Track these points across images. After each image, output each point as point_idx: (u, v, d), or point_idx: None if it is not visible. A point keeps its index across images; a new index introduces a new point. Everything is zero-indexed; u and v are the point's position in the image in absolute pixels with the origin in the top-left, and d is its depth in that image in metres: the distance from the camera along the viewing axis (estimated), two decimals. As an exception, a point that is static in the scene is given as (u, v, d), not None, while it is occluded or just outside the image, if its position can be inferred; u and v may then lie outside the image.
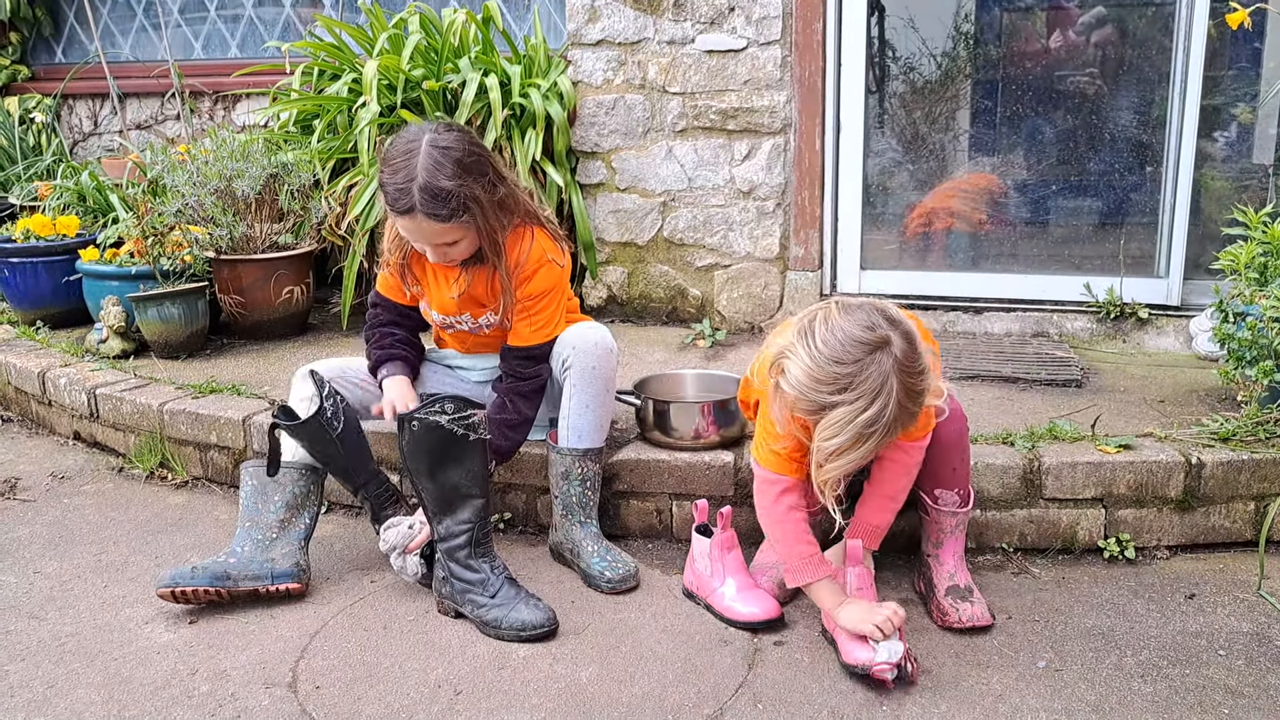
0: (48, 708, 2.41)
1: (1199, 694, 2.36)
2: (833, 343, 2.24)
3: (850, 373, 2.21)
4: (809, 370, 2.25)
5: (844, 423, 2.23)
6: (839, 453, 2.27)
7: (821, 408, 2.25)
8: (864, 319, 2.26)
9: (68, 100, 6.61)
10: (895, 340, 2.24)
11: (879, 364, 2.22)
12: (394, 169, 2.72)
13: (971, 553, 3.02)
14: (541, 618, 2.66)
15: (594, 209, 4.80)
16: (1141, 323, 4.28)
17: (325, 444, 2.91)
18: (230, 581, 2.82)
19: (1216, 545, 3.07)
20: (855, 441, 2.24)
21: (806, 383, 2.25)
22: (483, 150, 2.83)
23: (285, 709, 2.39)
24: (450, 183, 2.70)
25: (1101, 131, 4.38)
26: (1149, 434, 3.20)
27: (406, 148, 2.73)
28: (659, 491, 3.21)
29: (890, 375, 2.21)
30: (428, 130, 2.76)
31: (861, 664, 2.41)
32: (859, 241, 4.61)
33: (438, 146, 2.72)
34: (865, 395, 2.21)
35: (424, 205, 2.70)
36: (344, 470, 2.97)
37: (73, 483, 3.80)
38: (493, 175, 2.83)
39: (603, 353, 3.02)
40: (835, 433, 2.24)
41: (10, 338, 4.78)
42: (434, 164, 2.69)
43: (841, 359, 2.22)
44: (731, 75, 4.50)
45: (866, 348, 2.22)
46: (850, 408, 2.22)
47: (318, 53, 4.99)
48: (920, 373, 2.27)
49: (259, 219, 4.60)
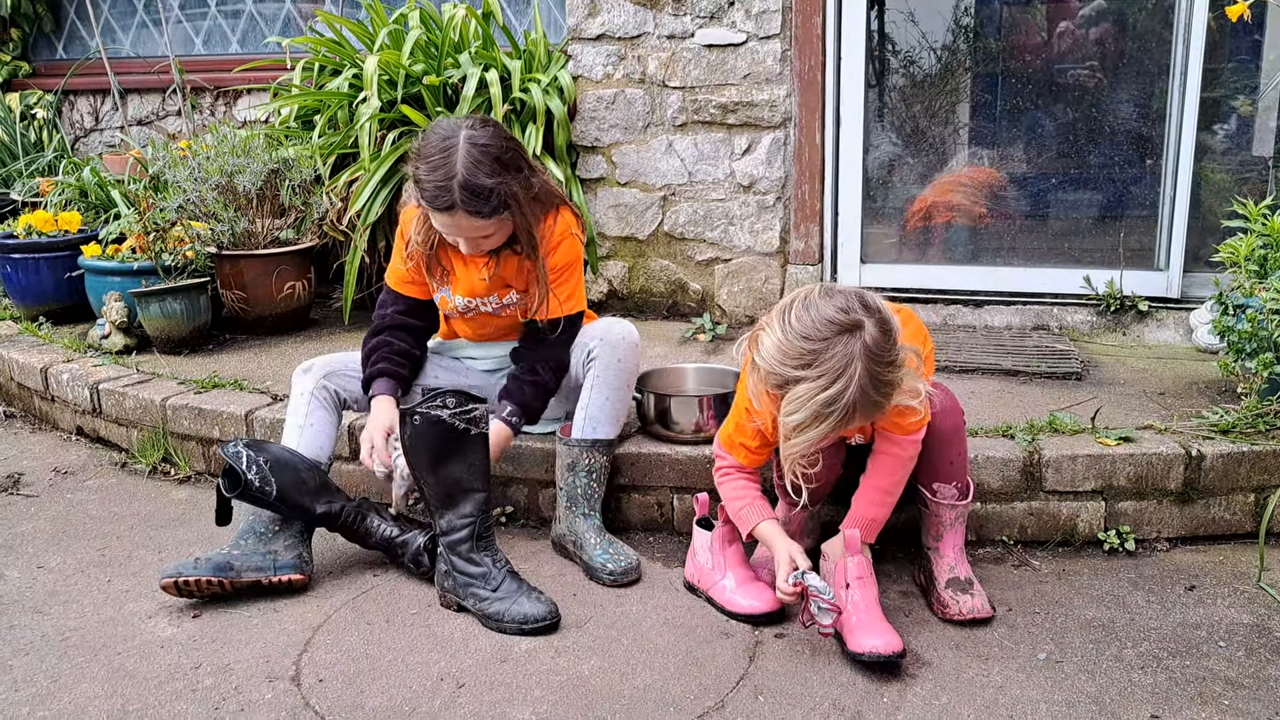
0: (51, 701, 2.42)
1: (1199, 685, 2.37)
2: (805, 320, 2.28)
3: (816, 350, 2.25)
4: (779, 344, 2.29)
5: (804, 399, 2.27)
6: (798, 428, 2.30)
7: (785, 381, 2.30)
8: (840, 302, 2.30)
9: (69, 96, 6.61)
10: (868, 326, 2.27)
11: (846, 346, 2.25)
12: (432, 166, 2.72)
13: (972, 545, 3.03)
14: (544, 611, 2.67)
15: (594, 204, 4.81)
16: (1141, 315, 4.28)
17: (264, 506, 2.90)
18: (233, 572, 2.83)
19: (1217, 537, 3.08)
20: (813, 419, 2.28)
21: (775, 355, 2.30)
22: (516, 144, 2.85)
23: (288, 702, 2.40)
24: (490, 180, 2.72)
25: (1101, 124, 4.39)
26: (1149, 426, 3.21)
27: (444, 144, 2.73)
28: (660, 485, 3.22)
29: (856, 359, 2.24)
30: (463, 126, 2.76)
31: (869, 651, 2.42)
32: (859, 235, 4.62)
33: (476, 144, 2.72)
34: (828, 374, 2.24)
35: (465, 203, 2.72)
36: (298, 516, 2.97)
37: (76, 478, 3.80)
38: (526, 169, 2.85)
39: (628, 347, 3.06)
40: (795, 408, 2.28)
41: (13, 334, 4.79)
42: (474, 161, 2.71)
43: (810, 336, 2.26)
44: (731, 69, 4.50)
45: (835, 328, 2.26)
46: (812, 384, 2.26)
47: (318, 48, 5.00)
48: (890, 363, 2.29)
49: (260, 214, 4.61)
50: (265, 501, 2.87)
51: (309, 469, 2.97)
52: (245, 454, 2.86)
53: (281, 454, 2.94)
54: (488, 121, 2.82)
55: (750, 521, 2.70)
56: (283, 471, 2.89)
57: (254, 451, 2.88)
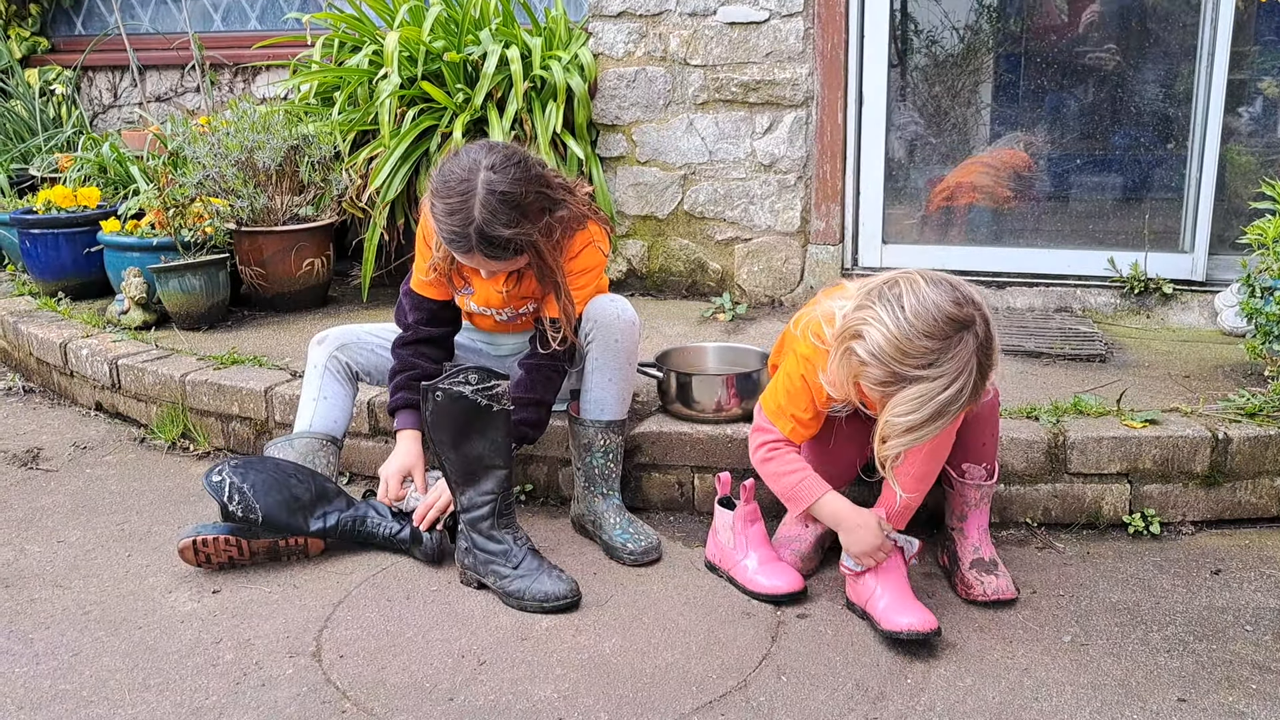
0: (73, 675, 2.42)
1: (1226, 669, 2.35)
2: (925, 315, 2.19)
3: (939, 349, 2.18)
4: (895, 341, 2.20)
5: (923, 399, 2.19)
6: (910, 430, 2.23)
7: (899, 380, 2.22)
8: (952, 294, 2.23)
9: (87, 72, 6.61)
10: (979, 320, 2.22)
11: (965, 344, 2.19)
12: (450, 208, 2.65)
13: (995, 527, 3.01)
14: (564, 589, 2.66)
15: (614, 182, 4.79)
16: (1166, 298, 4.25)
17: (251, 535, 2.88)
18: (251, 527, 2.85)
19: (1243, 521, 3.05)
20: (929, 419, 2.21)
21: (890, 352, 2.20)
22: (539, 182, 2.73)
23: (309, 678, 2.39)
24: (508, 231, 2.65)
25: (1126, 106, 4.35)
26: (1175, 409, 3.18)
27: (462, 187, 2.64)
28: (681, 464, 3.20)
29: (973, 356, 2.20)
30: (482, 166, 2.65)
31: (905, 629, 2.41)
32: (881, 215, 4.58)
33: (495, 191, 2.62)
34: (948, 375, 2.18)
35: (482, 249, 2.68)
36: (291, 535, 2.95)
37: (95, 453, 3.80)
38: (549, 206, 2.76)
39: (625, 325, 2.99)
40: (911, 409, 2.20)
41: (32, 309, 4.79)
42: (491, 211, 2.63)
43: (932, 334, 2.18)
44: (753, 47, 4.47)
45: (956, 325, 2.20)
46: (931, 385, 2.18)
47: (338, 24, 4.98)
48: (994, 353, 2.25)
49: (280, 191, 4.59)
50: (251, 529, 2.86)
51: (305, 478, 2.95)
52: (228, 483, 2.84)
53: (270, 473, 2.91)
54: (511, 157, 2.70)
55: (813, 494, 2.58)
56: (269, 494, 2.87)
57: (238, 476, 2.85)
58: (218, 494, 2.83)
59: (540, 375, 2.96)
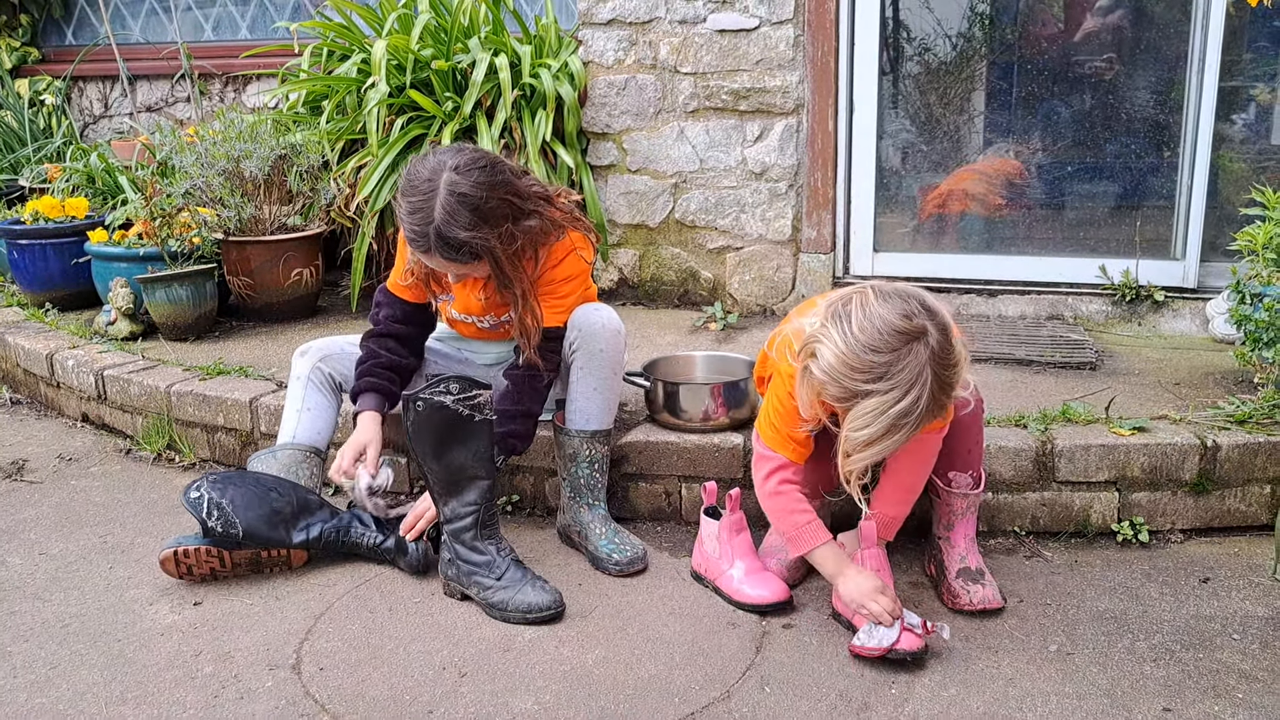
0: (50, 688, 2.40)
1: (1212, 678, 2.33)
2: (870, 330, 2.19)
3: (886, 362, 2.17)
4: (843, 357, 2.20)
5: (876, 413, 2.18)
6: (869, 443, 2.22)
7: (853, 395, 2.21)
8: (902, 307, 2.21)
9: (78, 82, 6.59)
10: (931, 331, 2.20)
11: (915, 355, 2.18)
12: (412, 207, 2.66)
13: (983, 536, 2.99)
14: (548, 600, 2.64)
15: (605, 190, 4.77)
16: (1157, 305, 4.23)
17: (233, 549, 2.86)
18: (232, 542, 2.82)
19: (1231, 529, 3.03)
20: (886, 432, 2.20)
21: (840, 369, 2.20)
22: (505, 188, 2.71)
23: (288, 691, 2.37)
24: (465, 234, 2.63)
25: (1118, 113, 4.33)
26: (1164, 416, 3.16)
27: (426, 186, 2.65)
28: (668, 474, 3.18)
29: (925, 367, 2.17)
30: (447, 167, 2.65)
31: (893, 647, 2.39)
32: (872, 224, 4.57)
33: (455, 193, 2.62)
34: (900, 386, 2.17)
35: (440, 250, 2.67)
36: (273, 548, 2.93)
37: (80, 464, 3.78)
38: (515, 215, 2.73)
39: (609, 334, 2.97)
40: (867, 423, 2.20)
41: (19, 319, 4.77)
42: (450, 212, 2.62)
43: (878, 347, 2.17)
44: (744, 55, 4.45)
45: (903, 337, 2.18)
46: (884, 398, 2.17)
47: (327, 33, 4.97)
48: (954, 365, 2.23)
49: (268, 200, 4.58)
50: (233, 543, 2.85)
51: (285, 491, 2.93)
52: (206, 499, 2.82)
53: (250, 488, 2.89)
54: (478, 160, 2.70)
55: (810, 542, 2.55)
56: (250, 509, 2.85)
57: (217, 492, 2.84)
58: (196, 510, 2.81)
59: (526, 386, 2.94)
